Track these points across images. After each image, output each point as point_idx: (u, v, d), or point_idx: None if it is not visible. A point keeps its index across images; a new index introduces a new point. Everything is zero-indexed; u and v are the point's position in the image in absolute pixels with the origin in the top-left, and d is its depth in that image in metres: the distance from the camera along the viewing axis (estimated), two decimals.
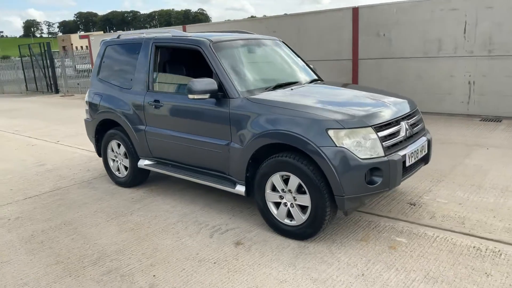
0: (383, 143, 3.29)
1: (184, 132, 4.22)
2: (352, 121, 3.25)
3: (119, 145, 5.03)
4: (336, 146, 3.16)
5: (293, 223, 3.52)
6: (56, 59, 18.91)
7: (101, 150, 5.31)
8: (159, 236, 3.76)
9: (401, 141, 3.51)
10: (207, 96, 3.77)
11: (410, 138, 3.66)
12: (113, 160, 5.21)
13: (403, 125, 3.58)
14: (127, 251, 3.51)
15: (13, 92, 21.72)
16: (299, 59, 4.94)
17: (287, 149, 3.49)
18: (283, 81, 4.25)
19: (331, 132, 3.19)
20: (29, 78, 20.29)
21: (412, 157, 3.52)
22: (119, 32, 5.26)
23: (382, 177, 3.24)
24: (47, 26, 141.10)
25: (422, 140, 3.76)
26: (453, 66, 8.37)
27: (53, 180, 5.63)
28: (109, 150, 5.21)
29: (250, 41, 4.55)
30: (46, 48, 18.61)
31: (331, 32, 9.95)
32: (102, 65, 5.20)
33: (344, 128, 3.20)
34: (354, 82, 9.81)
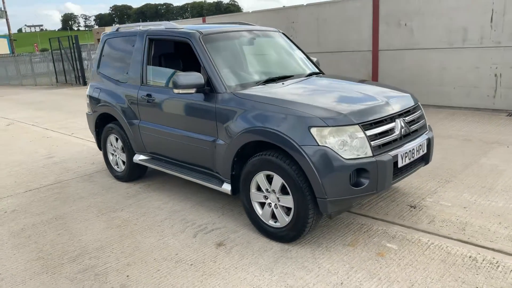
0: (372, 142, 3.06)
1: (175, 128, 4.12)
2: (337, 119, 3.03)
3: (117, 139, 5.00)
4: (319, 145, 2.95)
5: (277, 224, 3.35)
6: (84, 51, 19.32)
7: (101, 144, 5.31)
8: (143, 234, 3.69)
9: (395, 140, 3.27)
10: (193, 90, 3.64)
11: (407, 137, 3.40)
12: (112, 154, 5.19)
13: (399, 122, 3.32)
14: (108, 249, 3.46)
15: (45, 84, 22.43)
16: (299, 51, 4.72)
17: (272, 147, 3.32)
18: (277, 75, 4.06)
19: (313, 130, 2.98)
20: (59, 70, 20.86)
21: (406, 157, 3.26)
22: (118, 25, 5.17)
23: (369, 179, 3.01)
24: (84, 20, 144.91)
25: (421, 139, 3.48)
26: (478, 58, 7.85)
27: (57, 173, 5.69)
28: (108, 144, 5.19)
29: (245, 33, 4.36)
30: (74, 41, 19.05)
31: (350, 22, 9.57)
32: (102, 59, 5.16)
33: (328, 126, 2.98)
34: (374, 74, 9.43)
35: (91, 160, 6.20)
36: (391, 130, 3.25)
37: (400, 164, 3.20)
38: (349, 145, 2.99)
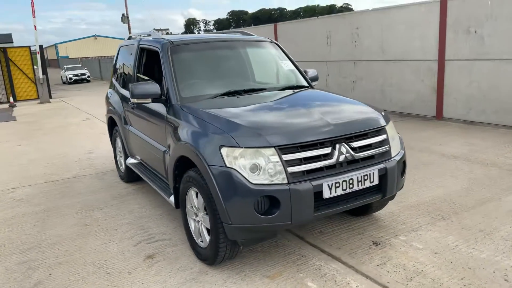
0: (290, 168, 2.76)
1: (145, 134, 4.23)
2: (251, 140, 2.79)
3: (121, 142, 5.30)
4: (226, 166, 2.76)
5: (203, 244, 3.22)
6: None
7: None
8: (96, 236, 3.84)
9: (332, 167, 2.90)
10: (148, 100, 3.68)
11: (352, 164, 3.00)
12: (118, 155, 5.51)
13: (339, 148, 2.94)
14: (58, 246, 3.68)
15: None
16: (288, 62, 4.44)
17: None
18: (245, 87, 3.88)
19: (223, 150, 2.80)
20: None
21: (337, 187, 2.87)
22: (131, 34, 5.46)
23: (279, 208, 2.73)
24: (204, 24, 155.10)
25: (370, 169, 3.03)
26: None
27: (82, 168, 6.22)
28: (116, 146, 5.52)
29: (224, 43, 4.27)
30: None
31: (415, 29, 8.72)
32: (116, 66, 5.51)
33: (239, 147, 2.77)
34: (439, 87, 8.44)
35: None
36: (325, 156, 2.90)
37: (326, 195, 2.83)
38: (263, 169, 2.74)
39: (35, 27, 15.78)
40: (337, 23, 10.73)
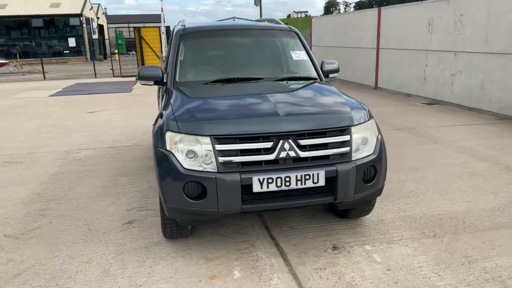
0: (222, 158, 2.83)
1: None
2: (191, 127, 2.92)
3: None
4: (166, 149, 2.96)
5: None
6: None
7: None
8: (106, 198, 4.41)
9: (272, 162, 2.88)
10: (151, 82, 4.02)
11: (299, 162, 2.92)
12: None
13: (283, 144, 2.88)
14: (73, 201, 4.34)
15: None
16: (301, 53, 4.30)
17: None
18: (242, 76, 3.94)
19: (167, 134, 2.99)
20: None
21: (270, 183, 2.83)
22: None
23: (206, 195, 2.83)
24: (344, 6, 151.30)
25: (315, 169, 2.89)
26: None
27: (143, 139, 6.97)
28: None
29: (235, 31, 4.35)
30: None
31: None
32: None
33: (180, 133, 2.93)
34: None
35: None
36: (266, 150, 2.88)
37: (256, 189, 2.82)
38: (199, 156, 2.87)
39: (162, 9, 17.60)
40: (441, 9, 9.64)
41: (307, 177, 2.87)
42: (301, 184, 2.88)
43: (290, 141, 2.89)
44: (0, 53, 28.44)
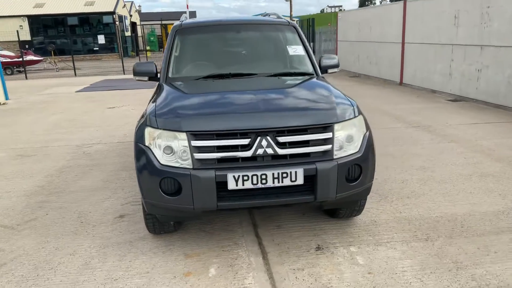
0: (196, 154, 2.79)
1: None
2: (169, 123, 2.90)
3: None
4: (145, 145, 2.96)
5: None
6: (317, 33, 20.65)
7: None
8: (104, 191, 4.48)
9: (250, 159, 2.82)
10: (145, 78, 4.05)
11: (276, 159, 2.85)
12: None
13: (260, 141, 2.81)
14: (74, 194, 4.44)
15: None
16: (298, 48, 4.19)
17: None
18: (234, 72, 3.89)
19: (147, 130, 2.99)
20: None
21: (246, 180, 2.76)
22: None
23: (180, 192, 2.81)
24: (380, 1, 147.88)
25: (293, 167, 2.80)
26: None
27: None
28: None
29: (231, 27, 4.29)
30: (311, 24, 20.60)
31: None
32: None
33: (158, 129, 2.92)
34: None
35: None
36: (243, 147, 2.82)
37: (231, 187, 2.77)
38: (176, 152, 2.85)
39: (187, 6, 17.78)
40: (467, 1, 9.20)
41: (285, 175, 2.80)
42: (278, 182, 2.80)
43: (268, 138, 2.82)
44: (37, 51, 29.63)
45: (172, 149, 2.84)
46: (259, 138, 2.81)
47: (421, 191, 4.22)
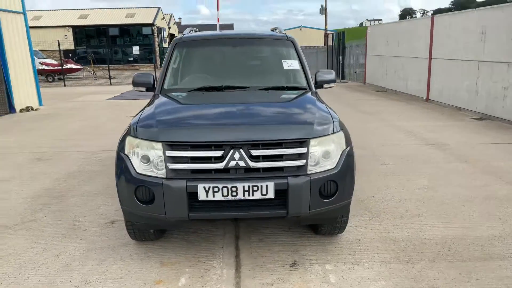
0: (170, 164, 2.86)
1: None
2: (147, 133, 3.00)
3: None
4: (125, 153, 3.06)
5: None
6: (347, 47, 20.49)
7: None
8: (105, 197, 4.63)
9: (223, 171, 2.86)
10: (144, 89, 4.19)
11: (249, 172, 2.87)
12: None
13: (233, 153, 2.85)
14: (76, 198, 4.62)
15: None
16: (294, 62, 4.20)
17: None
18: (226, 84, 3.96)
19: (127, 139, 3.10)
20: (323, 64, 22.91)
21: (216, 192, 2.80)
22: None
23: (153, 201, 2.89)
24: (421, 14, 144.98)
25: (263, 180, 2.81)
26: None
27: None
28: None
29: (228, 41, 4.37)
30: (341, 37, 20.48)
31: None
32: None
33: (138, 138, 3.02)
34: None
35: None
36: (216, 159, 2.87)
37: (202, 198, 2.81)
38: (152, 162, 2.94)
39: (218, 19, 18.16)
40: (494, 17, 8.90)
41: (255, 188, 2.81)
42: (249, 195, 2.82)
43: (241, 150, 2.85)
44: (80, 59, 31.09)
45: (148, 158, 2.93)
46: (232, 150, 2.85)
47: (417, 211, 4.09)
